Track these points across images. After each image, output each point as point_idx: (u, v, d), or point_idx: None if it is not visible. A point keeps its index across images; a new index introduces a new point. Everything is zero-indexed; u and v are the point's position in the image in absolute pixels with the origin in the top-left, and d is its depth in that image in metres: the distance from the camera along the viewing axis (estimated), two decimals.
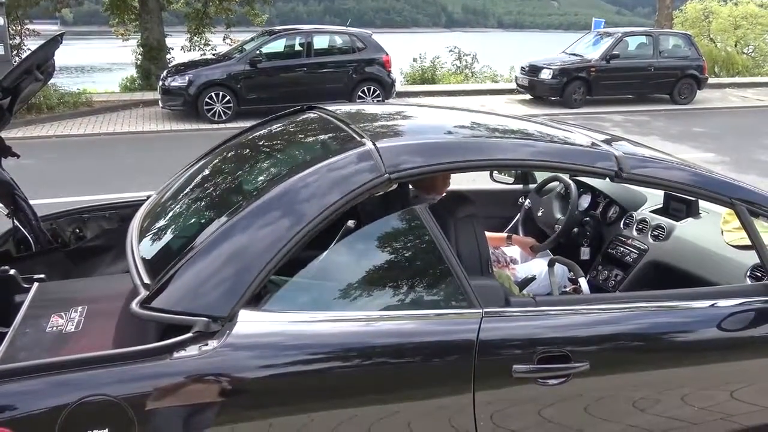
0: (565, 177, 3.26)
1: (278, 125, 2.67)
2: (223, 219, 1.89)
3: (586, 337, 1.97)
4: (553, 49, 15.60)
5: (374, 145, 1.94)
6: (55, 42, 2.54)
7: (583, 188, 3.37)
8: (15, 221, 2.70)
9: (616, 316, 2.03)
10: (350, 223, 2.16)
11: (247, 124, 10.93)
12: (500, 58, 19.49)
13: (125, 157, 8.73)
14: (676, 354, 2.08)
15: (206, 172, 2.49)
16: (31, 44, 15.20)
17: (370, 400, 1.78)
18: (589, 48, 13.69)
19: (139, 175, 7.62)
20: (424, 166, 1.94)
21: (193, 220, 2.15)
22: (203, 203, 2.26)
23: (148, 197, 2.70)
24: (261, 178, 2.16)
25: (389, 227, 1.94)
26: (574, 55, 13.65)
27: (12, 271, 2.46)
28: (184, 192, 2.39)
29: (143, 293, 1.78)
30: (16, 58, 13.97)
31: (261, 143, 2.62)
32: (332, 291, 1.87)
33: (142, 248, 2.06)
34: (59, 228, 2.89)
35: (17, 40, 14.48)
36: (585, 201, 3.36)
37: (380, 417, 1.78)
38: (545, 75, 12.81)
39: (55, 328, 2.03)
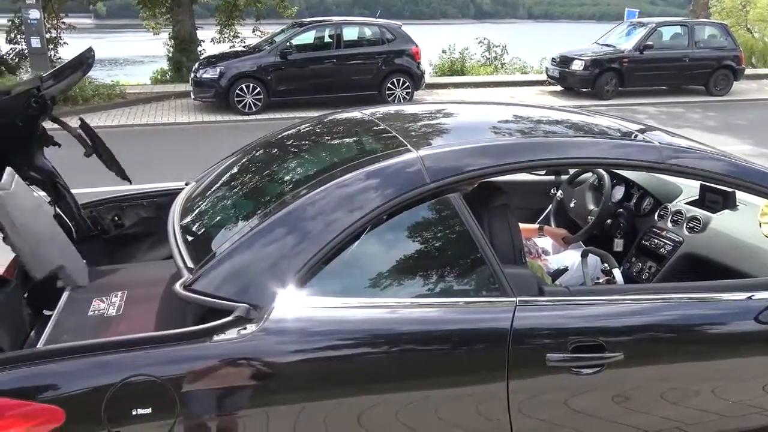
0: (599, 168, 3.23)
1: (324, 124, 2.71)
2: (268, 211, 1.93)
3: (620, 328, 1.97)
4: (584, 40, 15.40)
5: (418, 152, 1.98)
6: (87, 56, 2.61)
7: (617, 179, 3.35)
8: (57, 209, 2.77)
9: (651, 307, 2.03)
10: None
11: (277, 115, 11.14)
12: (530, 49, 19.30)
13: (159, 148, 8.87)
14: (712, 346, 2.06)
15: (249, 164, 2.54)
16: (67, 37, 15.53)
17: (401, 387, 1.81)
18: (621, 38, 13.48)
19: (173, 165, 7.73)
20: (465, 172, 1.96)
21: (236, 210, 2.20)
22: (247, 194, 2.30)
23: (186, 185, 2.76)
24: (306, 174, 2.20)
25: (423, 216, 1.96)
26: (606, 45, 13.45)
27: None
28: (228, 182, 2.44)
29: (186, 276, 1.83)
30: (52, 52, 14.30)
31: (306, 140, 2.67)
32: (367, 278, 1.89)
33: (184, 234, 2.11)
34: (99, 216, 2.97)
35: (53, 34, 14.78)
36: (618, 192, 3.33)
37: (412, 403, 1.81)
38: (576, 66, 12.65)
39: (96, 312, 2.09)
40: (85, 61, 2.60)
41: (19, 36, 14.44)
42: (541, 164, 2.10)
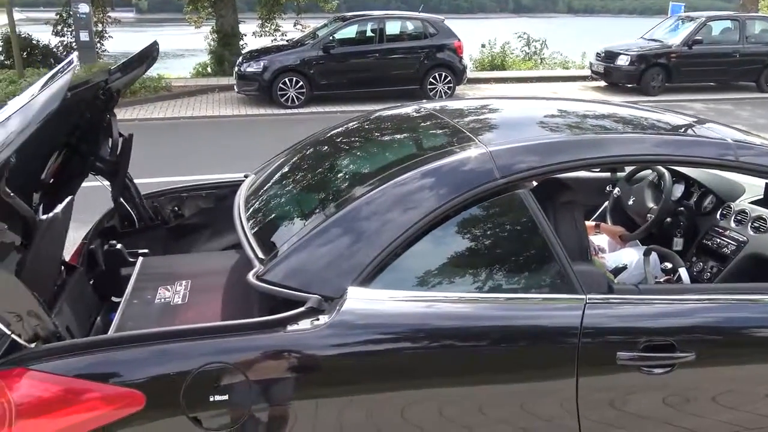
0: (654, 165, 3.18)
1: (385, 118, 2.72)
2: (339, 203, 1.95)
3: (692, 327, 1.93)
4: (626, 34, 15.11)
5: (487, 148, 1.98)
6: (152, 50, 2.68)
7: (676, 177, 3.28)
8: (120, 199, 2.84)
9: (722, 307, 1.99)
10: None
11: (319, 109, 11.22)
12: (570, 44, 19.03)
13: (205, 140, 9.01)
14: None
15: (316, 155, 2.56)
16: (111, 31, 15.85)
17: (470, 381, 1.81)
18: (669, 33, 13.19)
19: (222, 157, 7.86)
20: (536, 167, 1.95)
21: (305, 202, 2.22)
22: (315, 187, 2.32)
23: (246, 177, 2.80)
24: (375, 167, 2.21)
25: (493, 210, 1.95)
26: (653, 40, 13.18)
27: (119, 246, 2.60)
28: (293, 175, 2.47)
29: (258, 267, 1.85)
30: (98, 45, 14.63)
31: (369, 134, 2.68)
32: (436, 273, 1.90)
33: (251, 225, 2.14)
34: (160, 206, 3.03)
35: (99, 27, 15.11)
36: (678, 190, 3.27)
37: (481, 398, 1.81)
38: (622, 61, 12.43)
39: (163, 300, 2.14)
40: (149, 54, 2.65)
41: (66, 29, 14.81)
42: (616, 161, 2.08)
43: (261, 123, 10.28)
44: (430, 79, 11.65)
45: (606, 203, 3.48)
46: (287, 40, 13.89)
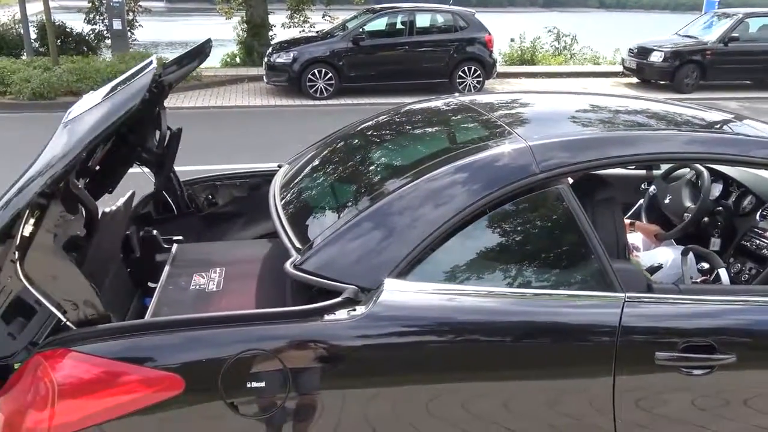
0: (696, 164, 3.12)
1: (420, 110, 2.71)
2: (376, 195, 1.95)
3: (733, 329, 1.90)
4: (658, 30, 14.85)
5: (527, 142, 1.96)
6: (206, 46, 2.73)
7: (714, 176, 3.22)
8: (161, 186, 2.87)
9: (764, 308, 1.95)
10: None
11: (348, 101, 11.24)
12: (601, 39, 18.74)
13: (235, 130, 9.08)
14: None
15: (351, 146, 2.56)
16: (142, 20, 16.01)
17: (505, 376, 1.80)
18: (703, 29, 12.93)
19: (252, 147, 7.91)
20: (576, 163, 1.93)
21: (341, 193, 2.23)
22: (352, 177, 2.32)
23: (279, 167, 2.82)
24: (412, 160, 2.20)
25: (530, 206, 1.93)
26: (687, 37, 12.94)
27: (154, 232, 2.63)
28: (328, 165, 2.47)
29: (295, 256, 1.86)
30: (130, 33, 14.78)
31: (404, 126, 2.68)
32: (473, 267, 1.89)
33: (287, 215, 2.15)
34: (194, 194, 3.06)
35: (130, 16, 15.26)
36: (716, 189, 3.21)
37: (515, 393, 1.79)
38: (655, 57, 12.22)
39: (197, 287, 2.16)
40: (203, 51, 2.69)
41: (98, 17, 14.99)
42: (660, 158, 2.05)
43: (290, 114, 10.32)
44: (459, 73, 11.58)
45: (641, 201, 3.43)
46: (316, 32, 13.91)
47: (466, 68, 11.60)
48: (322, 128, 3.32)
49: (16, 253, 1.74)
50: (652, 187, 3.37)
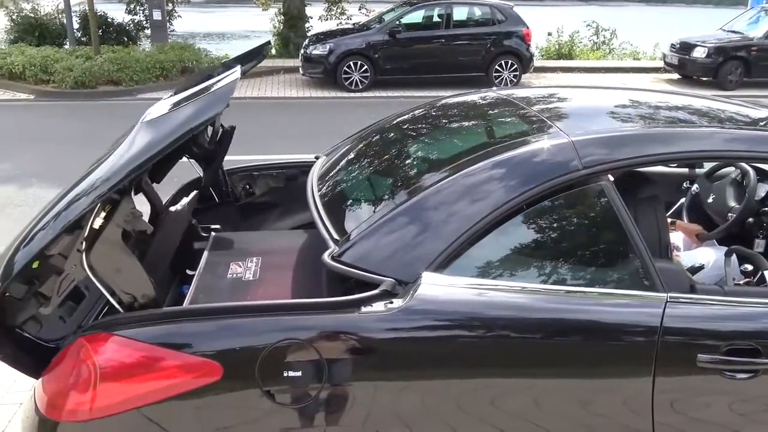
0: (743, 163, 3.04)
1: (459, 104, 2.69)
2: (415, 188, 1.94)
3: None
4: (700, 25, 14.49)
5: (570, 137, 1.93)
6: (264, 47, 2.85)
7: (761, 175, 3.13)
8: (209, 182, 2.91)
9: None
10: None
11: (383, 93, 11.23)
12: (641, 33, 18.35)
13: (271, 121, 9.15)
14: None
15: (388, 140, 2.56)
16: (181, 11, 16.19)
17: (542, 374, 1.78)
18: (749, 25, 12.56)
19: (287, 138, 7.97)
20: (621, 159, 1.90)
21: (380, 185, 2.22)
22: (389, 170, 2.32)
23: (317, 158, 2.82)
24: (451, 153, 2.19)
25: (572, 202, 1.90)
26: (732, 32, 12.59)
27: (193, 221, 2.67)
28: (365, 158, 2.47)
29: (333, 248, 1.87)
30: (168, 24, 14.98)
31: (443, 119, 2.66)
32: (511, 262, 1.87)
33: (325, 206, 2.16)
34: (232, 183, 3.09)
35: (169, 7, 15.46)
36: (762, 189, 3.12)
37: (552, 390, 1.77)
38: (698, 53, 11.92)
39: (234, 276, 2.18)
40: (261, 51, 2.77)
41: (138, 8, 15.23)
42: (705, 156, 1.99)
43: (325, 105, 10.36)
44: (496, 67, 11.47)
45: (682, 200, 3.36)
46: (353, 24, 13.91)
47: (502, 62, 11.49)
48: (357, 120, 3.33)
49: (83, 243, 1.79)
50: (695, 186, 3.29)
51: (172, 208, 2.16)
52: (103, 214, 1.89)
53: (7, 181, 6.49)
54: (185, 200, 2.20)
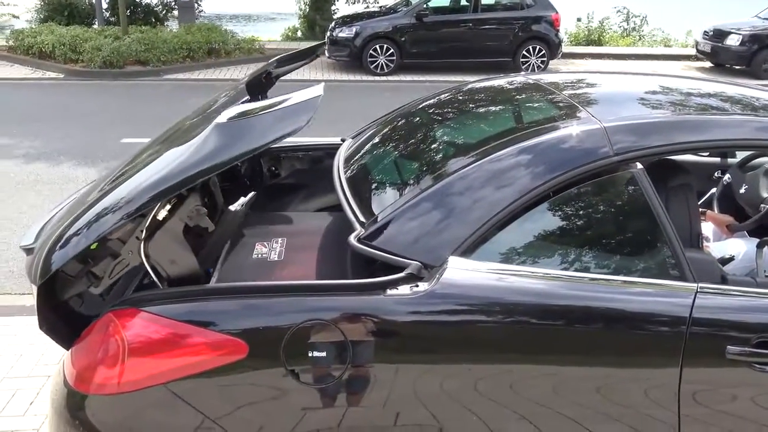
0: None
1: (493, 87, 2.66)
2: (442, 173, 1.93)
3: None
4: (735, 12, 14.14)
5: (602, 123, 1.90)
6: (316, 49, 2.89)
7: None
8: (247, 174, 2.93)
9: None
10: None
11: (408, 78, 11.19)
12: (673, 20, 17.97)
13: None
14: None
15: (414, 124, 2.54)
16: None
17: (566, 361, 1.76)
18: None
19: (313, 120, 7.93)
20: (654, 146, 1.86)
21: (406, 169, 2.21)
22: (417, 154, 2.30)
23: (343, 141, 2.82)
24: (478, 138, 2.17)
25: (602, 189, 1.87)
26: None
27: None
28: (392, 141, 2.46)
29: (360, 230, 1.86)
30: (196, 4, 15.03)
31: (471, 103, 2.63)
32: (538, 248, 1.85)
33: (351, 189, 2.15)
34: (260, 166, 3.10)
35: None
36: None
37: (575, 378, 1.75)
38: (732, 41, 11.66)
39: (260, 256, 2.18)
40: (312, 53, 2.83)
41: None
42: (743, 145, 1.95)
43: (350, 89, 10.33)
44: (524, 52, 11.35)
45: (713, 190, 3.30)
46: (380, 7, 13.82)
47: (530, 47, 11.36)
48: (383, 104, 3.32)
49: (144, 232, 1.81)
50: (727, 176, 3.23)
51: (232, 207, 2.19)
52: (168, 206, 1.92)
53: (37, 158, 6.60)
54: (243, 200, 2.23)
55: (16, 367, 3.06)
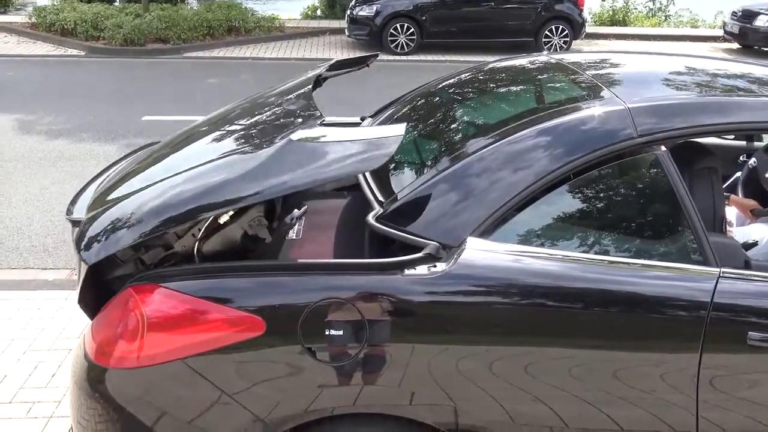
0: None
1: (514, 66, 2.63)
2: (460, 153, 1.91)
3: None
4: None
5: (626, 104, 1.87)
6: (368, 59, 3.02)
7: None
8: None
9: None
10: None
11: (429, 57, 11.08)
12: (699, 1, 17.57)
13: None
14: None
15: (434, 104, 2.52)
16: None
17: (583, 344, 1.74)
18: None
19: (331, 100, 7.89)
20: (678, 128, 1.82)
21: (425, 149, 2.20)
22: (437, 134, 2.28)
23: (362, 119, 2.81)
24: (498, 118, 2.15)
25: (625, 171, 1.85)
26: None
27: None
28: (411, 121, 2.44)
29: (378, 209, 1.85)
30: None
31: (492, 83, 2.60)
32: (557, 230, 1.83)
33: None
34: None
35: None
36: None
37: (592, 362, 1.74)
38: (761, 22, 11.40)
39: (278, 234, 2.19)
40: (364, 61, 2.95)
41: None
42: None
43: (370, 69, 10.17)
44: (546, 32, 11.18)
45: (738, 174, 3.24)
46: None
47: (553, 27, 11.18)
48: (403, 84, 3.29)
49: (201, 231, 1.82)
50: (753, 160, 3.16)
51: (287, 218, 2.22)
52: (231, 212, 1.94)
53: (59, 134, 6.66)
54: (297, 212, 2.26)
55: (38, 340, 3.11)
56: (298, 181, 1.70)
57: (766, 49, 11.71)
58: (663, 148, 1.83)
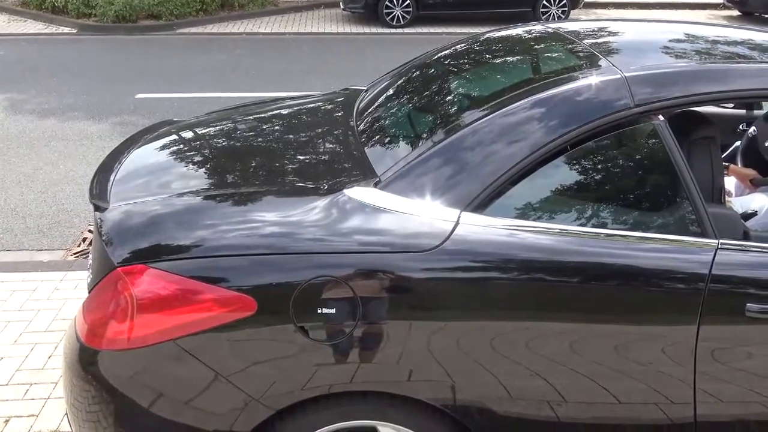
0: None
1: (510, 36, 2.57)
2: (458, 124, 1.87)
3: None
4: None
5: (623, 73, 1.82)
6: None
7: None
8: None
9: None
10: None
11: (424, 30, 10.97)
12: None
13: (309, 57, 9.02)
14: None
15: (429, 76, 2.47)
16: None
17: (580, 318, 1.72)
18: None
19: (324, 74, 7.85)
20: (676, 97, 1.78)
21: (420, 122, 2.15)
22: (431, 106, 2.24)
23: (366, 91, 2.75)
24: (494, 89, 2.10)
25: (622, 141, 1.81)
26: None
27: None
28: (406, 94, 2.39)
29: (371, 182, 1.82)
30: None
31: (487, 54, 2.54)
32: (554, 204, 1.80)
33: (364, 141, 2.10)
34: None
35: None
36: None
37: (590, 337, 1.72)
38: None
39: None
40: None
41: None
42: None
43: (365, 41, 10.14)
44: (544, 2, 11.02)
45: (737, 143, 3.20)
46: None
47: None
48: (398, 57, 3.24)
49: None
50: (752, 128, 3.12)
51: None
52: None
53: (51, 114, 6.59)
54: None
55: (34, 322, 3.10)
56: None
57: (766, 15, 11.55)
58: (661, 117, 1.79)
